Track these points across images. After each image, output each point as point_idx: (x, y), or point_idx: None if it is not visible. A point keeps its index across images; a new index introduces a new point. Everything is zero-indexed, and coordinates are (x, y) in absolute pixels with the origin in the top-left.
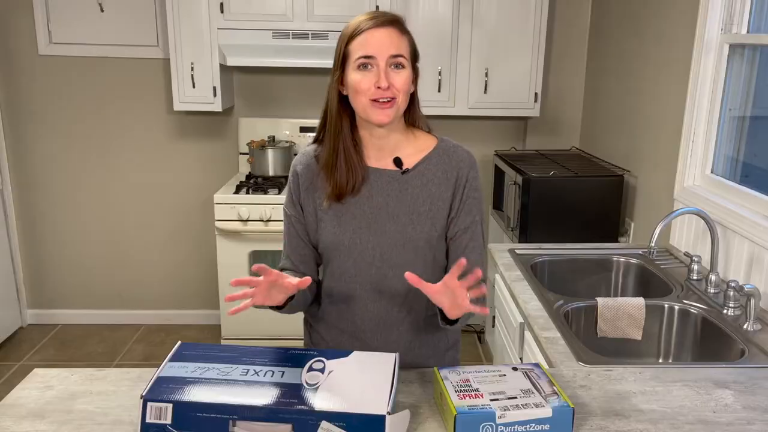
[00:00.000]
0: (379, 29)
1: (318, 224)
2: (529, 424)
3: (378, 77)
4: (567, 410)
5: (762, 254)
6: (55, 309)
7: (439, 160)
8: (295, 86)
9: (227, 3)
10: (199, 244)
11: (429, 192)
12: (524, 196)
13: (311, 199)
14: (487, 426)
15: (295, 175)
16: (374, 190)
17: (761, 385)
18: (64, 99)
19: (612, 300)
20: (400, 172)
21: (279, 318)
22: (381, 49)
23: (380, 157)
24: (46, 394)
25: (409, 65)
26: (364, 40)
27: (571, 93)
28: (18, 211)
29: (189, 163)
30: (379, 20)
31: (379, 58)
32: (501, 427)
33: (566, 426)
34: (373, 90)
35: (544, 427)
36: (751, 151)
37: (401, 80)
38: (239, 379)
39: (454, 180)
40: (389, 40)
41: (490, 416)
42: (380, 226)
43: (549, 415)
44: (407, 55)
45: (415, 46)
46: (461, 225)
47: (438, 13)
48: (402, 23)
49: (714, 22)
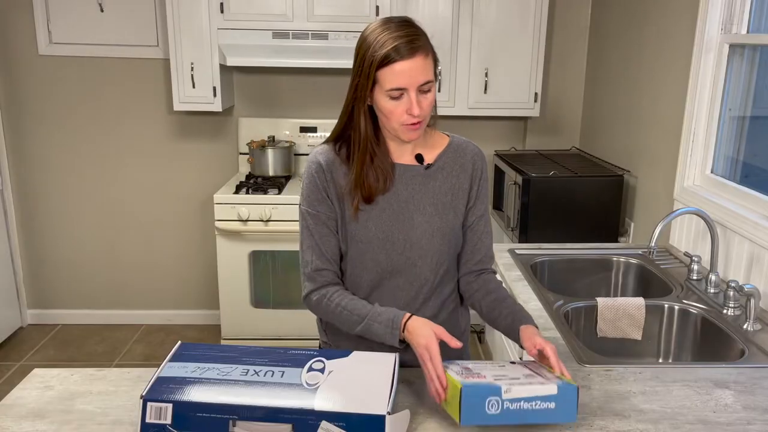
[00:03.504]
0: (408, 62)
1: (345, 222)
2: (535, 401)
3: (410, 105)
4: (571, 388)
5: (762, 254)
6: (55, 309)
7: (455, 154)
8: (295, 86)
9: (227, 3)
10: (199, 244)
11: (450, 184)
12: (524, 196)
13: (339, 196)
14: (493, 401)
15: (320, 170)
16: (400, 185)
17: (761, 385)
18: (64, 99)
19: (612, 300)
20: (423, 167)
21: (279, 318)
22: (412, 80)
23: (402, 154)
24: (46, 394)
25: (434, 83)
26: (395, 71)
27: (571, 93)
28: (18, 211)
29: (189, 163)
30: (406, 48)
31: (410, 89)
32: (507, 403)
33: (571, 404)
34: (406, 117)
35: (549, 405)
36: (751, 151)
37: (429, 102)
38: (239, 379)
39: (470, 171)
40: (419, 71)
41: (495, 390)
42: (409, 218)
43: (554, 393)
44: (433, 75)
45: (436, 57)
46: (477, 213)
47: (438, 12)
48: (426, 43)
49: (714, 22)
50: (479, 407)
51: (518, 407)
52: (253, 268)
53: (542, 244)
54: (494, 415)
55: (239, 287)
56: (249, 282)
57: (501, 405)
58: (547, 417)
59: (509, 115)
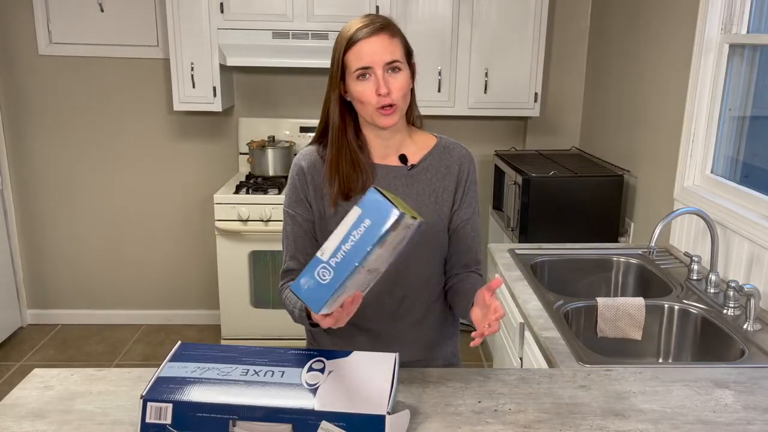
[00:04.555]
0: (371, 38)
1: (326, 223)
2: (350, 235)
3: (377, 85)
4: (369, 192)
5: (762, 254)
6: (55, 309)
7: (441, 156)
8: (295, 86)
9: (227, 3)
10: (199, 244)
11: (434, 186)
12: (524, 196)
13: (319, 196)
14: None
15: (301, 173)
16: (383, 186)
17: (761, 385)
18: (64, 99)
19: (612, 300)
20: (406, 169)
21: (279, 318)
22: (375, 58)
23: (385, 155)
24: (46, 394)
25: (405, 67)
26: (359, 51)
27: (571, 93)
28: (18, 211)
29: (189, 163)
30: (369, 29)
31: (375, 67)
32: (332, 260)
33: (381, 203)
34: (377, 99)
35: (364, 224)
36: (751, 151)
37: (399, 83)
38: (239, 379)
39: (456, 174)
40: (382, 48)
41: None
42: None
43: (359, 213)
44: (401, 57)
45: (407, 45)
46: (463, 216)
47: (438, 13)
48: (392, 26)
49: (714, 22)
50: (316, 289)
51: (343, 255)
52: (253, 268)
53: (542, 244)
54: (331, 281)
55: (239, 287)
56: (249, 282)
57: (330, 267)
58: (373, 234)
59: (509, 115)
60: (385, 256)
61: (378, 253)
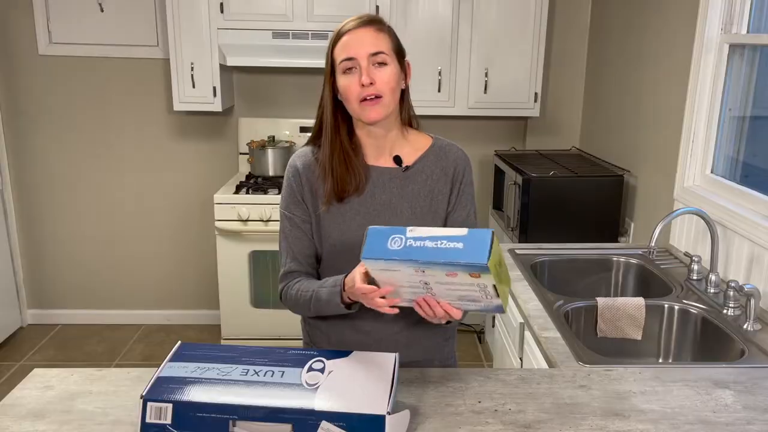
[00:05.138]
0: (356, 31)
1: (320, 224)
2: (441, 241)
3: (360, 75)
4: (485, 231)
5: (762, 254)
6: (55, 309)
7: (436, 157)
8: (295, 86)
9: (227, 3)
10: (199, 244)
11: (429, 188)
12: (524, 196)
13: (314, 197)
14: (396, 238)
15: (296, 173)
16: (377, 187)
17: (761, 385)
18: (64, 99)
19: (612, 300)
20: (401, 170)
21: (279, 318)
22: (359, 49)
23: (379, 156)
24: (46, 394)
25: (393, 62)
26: (344, 44)
27: (571, 93)
28: (18, 211)
29: (189, 163)
30: (356, 22)
31: (359, 58)
32: (410, 240)
33: (483, 244)
34: (359, 90)
35: (457, 245)
36: (751, 151)
37: (384, 76)
38: (239, 379)
39: (451, 176)
40: (367, 39)
41: (400, 230)
42: (385, 223)
43: (463, 234)
44: (388, 51)
45: (398, 43)
46: (458, 218)
47: (438, 13)
48: (380, 21)
49: (714, 22)
50: (381, 243)
51: (421, 245)
52: (253, 268)
53: (542, 244)
54: (396, 250)
55: (239, 287)
56: (249, 282)
57: (404, 242)
58: (454, 256)
59: (509, 115)
60: (444, 288)
61: (442, 276)
